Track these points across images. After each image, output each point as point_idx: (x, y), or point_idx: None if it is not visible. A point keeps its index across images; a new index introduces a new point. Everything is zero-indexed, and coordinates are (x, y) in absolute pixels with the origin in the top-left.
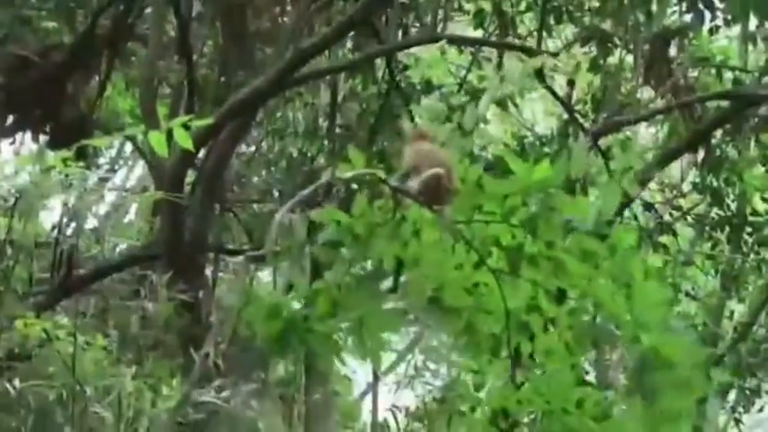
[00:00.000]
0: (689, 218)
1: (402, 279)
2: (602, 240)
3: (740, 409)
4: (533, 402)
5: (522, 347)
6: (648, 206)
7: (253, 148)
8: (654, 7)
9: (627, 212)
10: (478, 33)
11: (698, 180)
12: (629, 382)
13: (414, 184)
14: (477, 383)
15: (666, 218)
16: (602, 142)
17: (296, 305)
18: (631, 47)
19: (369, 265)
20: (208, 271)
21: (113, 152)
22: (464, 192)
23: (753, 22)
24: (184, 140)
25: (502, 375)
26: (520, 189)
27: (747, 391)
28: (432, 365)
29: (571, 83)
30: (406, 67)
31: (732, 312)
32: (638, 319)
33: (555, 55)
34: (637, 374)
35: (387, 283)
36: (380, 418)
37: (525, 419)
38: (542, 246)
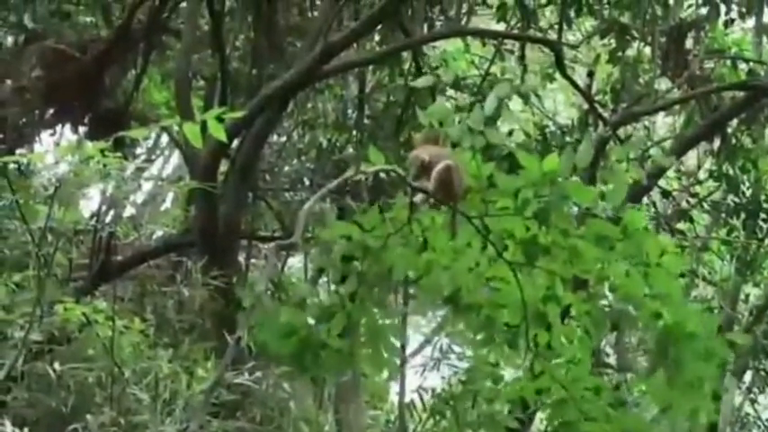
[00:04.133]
0: (705, 204)
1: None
2: (615, 224)
3: (756, 390)
4: (551, 392)
5: (539, 338)
6: (666, 193)
7: (284, 139)
8: (671, 0)
9: (645, 199)
10: (501, 26)
11: (714, 168)
12: (652, 357)
13: (428, 182)
14: (496, 376)
15: (684, 205)
16: (621, 131)
17: (310, 321)
18: (649, 39)
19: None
20: (241, 257)
21: (150, 143)
22: (477, 188)
23: (767, 15)
24: (218, 132)
25: (520, 367)
26: (530, 182)
27: (763, 373)
28: (457, 348)
29: (591, 74)
30: (435, 68)
31: (747, 296)
32: (657, 294)
33: (575, 47)
34: (660, 348)
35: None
36: (407, 400)
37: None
38: (557, 235)
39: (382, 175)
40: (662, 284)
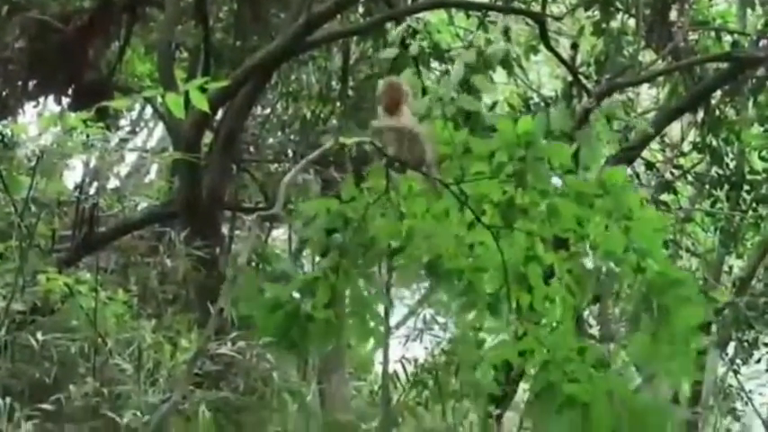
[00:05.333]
0: (689, 176)
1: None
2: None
3: (738, 361)
4: (535, 353)
5: (521, 299)
6: (650, 165)
7: (268, 110)
8: None
9: (629, 171)
10: None
11: (698, 139)
12: (635, 309)
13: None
14: (479, 340)
15: (667, 176)
16: (605, 103)
17: (295, 295)
18: (633, 11)
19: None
20: (224, 228)
21: (134, 114)
22: (451, 154)
23: None
24: (200, 102)
25: (503, 330)
26: (505, 145)
27: (746, 344)
28: (440, 319)
29: (575, 46)
30: (414, 32)
31: (731, 267)
32: (639, 249)
33: (559, 19)
34: (644, 299)
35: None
36: (391, 370)
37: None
38: (535, 195)
39: (365, 145)
40: (643, 238)
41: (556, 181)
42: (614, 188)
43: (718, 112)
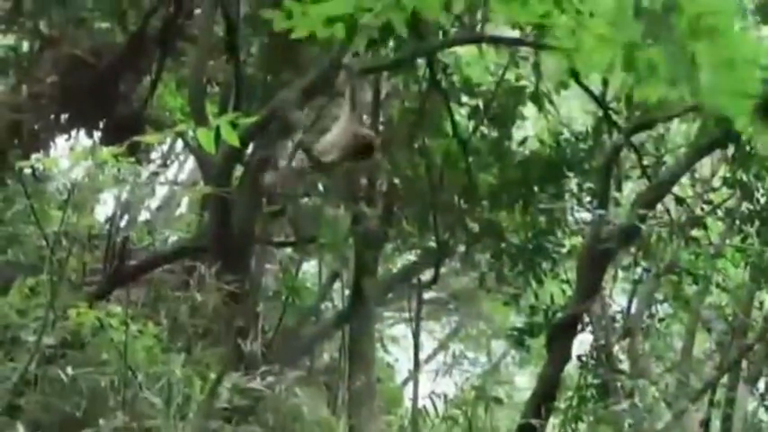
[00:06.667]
0: (719, 212)
1: None
2: None
3: None
4: None
5: None
6: (680, 200)
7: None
8: None
9: (659, 206)
10: (516, 33)
11: (728, 175)
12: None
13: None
14: None
15: (698, 212)
16: (635, 139)
17: None
18: None
19: None
20: (254, 262)
21: (165, 148)
22: None
23: None
24: (231, 137)
25: None
26: None
27: None
28: (470, 354)
29: (605, 82)
30: (446, 67)
31: (762, 303)
32: None
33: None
34: None
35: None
36: (420, 405)
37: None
38: None
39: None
40: None
41: None
42: None
43: (748, 148)
